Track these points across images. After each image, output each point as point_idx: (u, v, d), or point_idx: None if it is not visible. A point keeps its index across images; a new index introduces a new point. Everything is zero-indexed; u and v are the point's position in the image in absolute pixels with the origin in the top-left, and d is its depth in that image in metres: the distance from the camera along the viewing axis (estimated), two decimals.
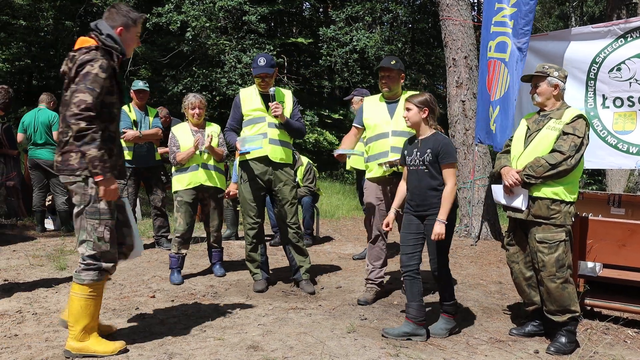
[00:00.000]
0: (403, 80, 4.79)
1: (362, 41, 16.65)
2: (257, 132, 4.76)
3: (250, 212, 4.87)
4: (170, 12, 15.87)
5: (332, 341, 3.65)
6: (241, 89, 4.88)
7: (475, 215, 7.68)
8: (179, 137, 5.26)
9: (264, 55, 4.86)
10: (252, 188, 4.84)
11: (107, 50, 3.28)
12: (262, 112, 4.81)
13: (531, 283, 3.95)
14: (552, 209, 3.70)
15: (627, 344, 3.88)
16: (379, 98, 4.79)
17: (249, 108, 4.84)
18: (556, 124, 3.76)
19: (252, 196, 4.84)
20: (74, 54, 3.27)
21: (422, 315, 3.82)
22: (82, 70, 3.15)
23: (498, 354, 3.60)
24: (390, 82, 4.67)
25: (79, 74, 3.15)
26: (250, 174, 4.83)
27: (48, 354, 3.32)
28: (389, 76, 4.67)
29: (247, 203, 4.87)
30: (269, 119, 4.78)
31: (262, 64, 4.78)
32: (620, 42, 5.74)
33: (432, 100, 3.90)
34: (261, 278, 4.97)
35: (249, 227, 4.92)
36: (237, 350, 3.43)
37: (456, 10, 7.91)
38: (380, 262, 4.76)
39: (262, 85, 4.82)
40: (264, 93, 4.84)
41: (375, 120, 4.65)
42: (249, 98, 4.88)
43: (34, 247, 6.45)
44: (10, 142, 7.87)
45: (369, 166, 4.70)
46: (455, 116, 7.90)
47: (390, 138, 4.55)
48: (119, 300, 4.47)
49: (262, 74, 4.77)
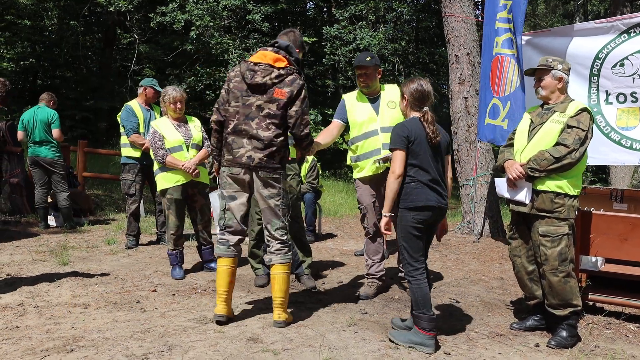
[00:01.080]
0: (380, 75, 4.75)
1: (365, 40, 16.62)
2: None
3: (256, 207, 4.74)
4: (174, 11, 15.89)
5: (332, 334, 3.65)
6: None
7: (478, 212, 7.65)
8: (163, 132, 5.12)
9: None
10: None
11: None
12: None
13: (533, 277, 3.93)
14: (556, 203, 3.69)
15: (628, 338, 3.86)
16: (358, 95, 4.75)
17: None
18: (560, 117, 3.74)
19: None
20: (279, 72, 3.78)
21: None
22: (301, 95, 3.81)
23: (498, 348, 3.59)
24: (368, 79, 4.65)
25: (299, 97, 3.80)
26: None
27: (48, 345, 3.33)
28: (366, 73, 4.64)
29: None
30: None
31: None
32: (624, 37, 5.71)
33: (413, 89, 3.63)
34: (263, 273, 4.95)
35: (255, 224, 4.87)
36: (236, 342, 3.43)
37: (459, 7, 7.89)
38: (378, 256, 4.76)
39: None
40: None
41: (362, 117, 4.63)
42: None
43: (37, 243, 6.47)
44: (14, 140, 7.91)
45: (359, 165, 4.69)
46: (458, 113, 7.88)
47: (380, 135, 4.56)
48: (120, 294, 4.48)
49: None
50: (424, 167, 3.51)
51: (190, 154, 5.15)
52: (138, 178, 6.40)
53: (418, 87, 3.63)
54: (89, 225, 7.77)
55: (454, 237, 7.63)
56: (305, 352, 3.33)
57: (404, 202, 3.52)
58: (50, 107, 7.46)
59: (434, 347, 3.44)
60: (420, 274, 3.52)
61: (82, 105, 18.06)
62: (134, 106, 6.43)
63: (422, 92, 3.62)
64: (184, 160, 5.08)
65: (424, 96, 3.62)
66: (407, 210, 3.51)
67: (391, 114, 4.65)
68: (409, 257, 3.54)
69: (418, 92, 3.62)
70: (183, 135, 5.16)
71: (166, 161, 5.05)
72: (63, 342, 3.38)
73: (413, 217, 3.49)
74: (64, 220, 7.50)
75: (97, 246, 6.39)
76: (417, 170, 3.51)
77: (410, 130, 3.51)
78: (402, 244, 3.57)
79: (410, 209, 3.50)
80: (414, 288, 3.52)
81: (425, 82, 3.68)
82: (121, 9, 15.86)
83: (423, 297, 3.49)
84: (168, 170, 5.09)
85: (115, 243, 6.55)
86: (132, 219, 6.39)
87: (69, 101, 17.81)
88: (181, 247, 5.19)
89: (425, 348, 3.43)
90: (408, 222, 3.50)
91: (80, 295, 4.42)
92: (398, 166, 3.49)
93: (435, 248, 6.95)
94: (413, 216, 3.49)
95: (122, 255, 5.94)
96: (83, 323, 3.75)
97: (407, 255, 3.55)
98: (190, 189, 5.19)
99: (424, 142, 3.51)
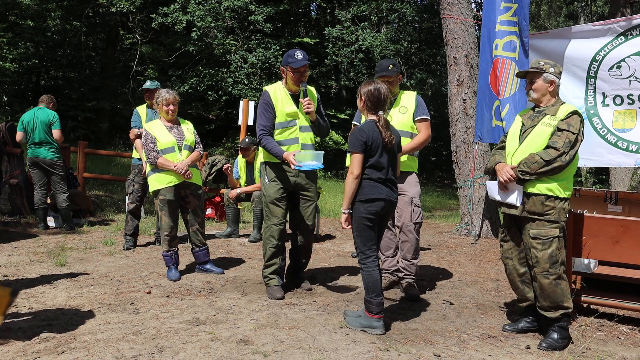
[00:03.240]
0: (400, 80, 4.81)
1: (367, 40, 16.64)
2: (288, 137, 4.59)
3: (277, 211, 4.63)
4: (176, 12, 15.94)
5: (323, 336, 3.66)
6: (267, 87, 4.68)
7: (476, 214, 7.66)
8: (155, 134, 5.14)
9: (297, 50, 4.61)
10: (279, 187, 4.63)
11: None
12: (295, 115, 4.62)
13: (525, 279, 3.93)
14: (547, 205, 3.69)
15: (620, 340, 3.86)
16: None
17: (283, 111, 4.59)
18: (551, 120, 3.75)
19: (279, 195, 4.63)
20: None
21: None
22: None
23: (489, 350, 3.59)
24: (391, 86, 4.67)
25: None
26: (278, 173, 4.63)
27: (40, 347, 3.35)
28: (389, 81, 4.66)
29: (274, 202, 4.63)
30: (299, 122, 4.62)
31: (301, 57, 4.52)
32: (621, 39, 5.72)
33: (369, 92, 3.81)
34: (278, 284, 4.68)
35: (276, 226, 4.63)
36: (227, 344, 3.45)
37: (457, 9, 7.90)
38: (390, 251, 4.85)
39: (299, 80, 4.56)
40: (293, 93, 4.66)
41: None
42: (281, 99, 4.62)
43: (35, 244, 6.50)
44: (13, 141, 7.95)
45: None
46: (456, 114, 7.89)
47: None
48: (115, 295, 4.50)
49: (302, 68, 4.53)
50: (378, 166, 3.78)
51: (182, 156, 5.17)
52: (137, 178, 6.43)
53: (374, 92, 3.83)
54: (88, 226, 7.80)
55: (452, 238, 7.64)
56: (295, 353, 3.35)
57: (358, 196, 3.80)
58: (50, 109, 7.50)
59: (383, 329, 3.77)
60: (372, 261, 3.83)
61: (84, 106, 18.15)
62: (140, 109, 6.59)
63: (377, 97, 3.82)
64: (176, 161, 5.11)
65: (379, 101, 3.83)
66: (360, 203, 3.79)
67: (400, 118, 4.70)
68: (362, 246, 3.84)
69: (374, 96, 3.83)
70: (175, 136, 5.18)
71: (158, 162, 5.07)
72: (54, 343, 3.41)
73: (366, 208, 3.78)
74: (63, 221, 7.53)
75: (95, 247, 6.42)
76: (372, 170, 3.78)
77: (368, 135, 3.75)
78: (355, 234, 3.87)
79: (363, 201, 3.78)
80: (365, 275, 3.83)
81: (383, 87, 3.85)
82: (123, 10, 15.92)
83: (373, 283, 3.80)
84: (160, 171, 5.11)
85: (114, 244, 6.57)
86: (130, 218, 6.42)
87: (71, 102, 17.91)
88: (176, 248, 5.21)
89: (375, 330, 3.75)
90: (361, 213, 3.79)
91: (75, 296, 4.44)
92: (356, 167, 3.74)
93: (432, 250, 6.96)
94: (366, 208, 3.78)
95: (120, 257, 5.97)
96: (76, 325, 3.77)
97: (360, 244, 3.86)
98: (183, 190, 5.21)
99: (380, 144, 3.77)
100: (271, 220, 4.65)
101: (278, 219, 4.63)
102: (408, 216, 4.70)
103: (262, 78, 17.18)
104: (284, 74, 4.64)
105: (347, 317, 3.96)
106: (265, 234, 4.67)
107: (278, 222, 4.63)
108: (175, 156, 5.13)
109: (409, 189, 4.73)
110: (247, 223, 8.65)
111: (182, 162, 5.11)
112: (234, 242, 7.06)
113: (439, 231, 8.51)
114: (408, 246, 4.73)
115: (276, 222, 4.64)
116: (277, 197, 4.62)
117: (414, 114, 4.79)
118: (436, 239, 7.80)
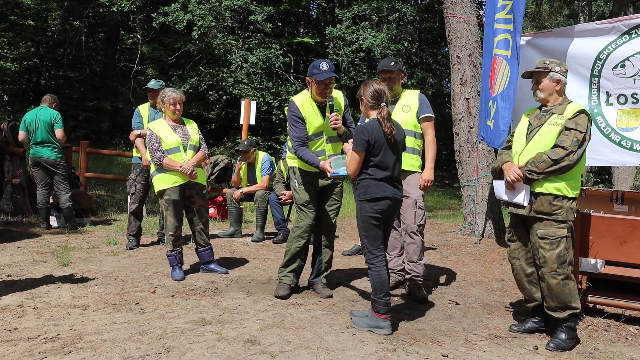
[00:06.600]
0: (403, 79, 4.80)
1: (368, 40, 16.62)
2: (315, 150, 4.55)
3: (308, 213, 4.61)
4: (177, 12, 15.91)
5: (330, 336, 3.65)
6: (293, 98, 4.61)
7: (479, 214, 7.64)
8: (160, 134, 5.12)
9: (323, 61, 4.48)
10: (309, 190, 4.62)
11: None
12: (322, 127, 4.57)
13: (532, 279, 3.92)
14: (554, 205, 3.68)
15: (628, 340, 3.85)
16: None
17: (312, 125, 4.53)
18: (558, 119, 3.73)
19: (309, 197, 4.62)
20: None
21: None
22: None
23: (497, 350, 3.58)
24: (392, 83, 4.69)
25: None
26: (307, 177, 4.62)
27: (46, 347, 3.34)
28: (390, 77, 4.69)
29: (305, 205, 4.61)
30: (326, 134, 4.58)
31: (326, 69, 4.37)
32: (625, 38, 5.69)
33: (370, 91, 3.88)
34: (290, 283, 4.68)
35: (307, 227, 4.61)
36: (234, 345, 3.44)
37: (460, 8, 7.88)
38: (396, 251, 4.84)
39: (324, 93, 4.45)
40: (319, 104, 4.55)
41: None
42: (309, 113, 4.53)
43: (38, 243, 6.49)
44: (16, 141, 7.94)
45: None
46: (459, 114, 7.87)
47: None
48: (120, 295, 4.49)
49: (327, 80, 4.39)
50: (382, 165, 3.80)
51: (187, 156, 5.15)
52: (139, 178, 6.41)
53: (371, 86, 3.90)
54: (91, 226, 7.79)
55: (455, 238, 7.63)
56: (303, 354, 3.33)
57: (363, 195, 3.83)
58: (53, 109, 7.48)
59: (390, 329, 3.76)
60: (380, 261, 3.83)
61: (85, 106, 18.12)
62: (141, 108, 6.54)
63: (377, 91, 3.87)
64: (181, 161, 5.09)
65: (380, 94, 3.87)
66: (365, 202, 3.82)
67: (403, 117, 4.68)
68: (370, 246, 3.85)
69: (375, 92, 3.87)
70: (180, 136, 5.16)
71: (163, 162, 5.05)
72: (61, 343, 3.39)
73: (371, 207, 3.80)
74: (66, 221, 7.52)
75: (98, 247, 6.41)
76: (375, 169, 3.81)
77: (371, 133, 3.77)
78: (362, 234, 3.88)
79: (368, 200, 3.81)
80: (374, 274, 3.82)
81: (379, 83, 3.94)
82: (124, 9, 15.90)
83: (381, 283, 3.79)
84: (165, 171, 5.09)
85: (117, 244, 6.56)
86: (132, 219, 6.41)
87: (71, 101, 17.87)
88: (180, 248, 5.19)
89: (382, 330, 3.74)
90: (367, 212, 3.82)
91: (80, 296, 4.43)
92: (353, 164, 3.83)
93: (436, 250, 6.95)
94: (371, 207, 3.80)
95: (123, 256, 5.95)
96: (82, 325, 3.76)
97: (367, 244, 3.86)
98: (188, 190, 5.19)
99: (384, 142, 3.79)
100: (304, 221, 4.61)
101: (310, 220, 4.62)
102: (412, 219, 4.69)
103: (263, 78, 17.16)
104: (309, 85, 4.52)
105: (353, 317, 3.96)
106: (294, 233, 4.64)
107: (309, 223, 4.62)
108: (180, 156, 5.10)
109: (412, 191, 4.70)
110: (249, 223, 8.64)
111: (187, 162, 5.09)
112: (237, 242, 7.04)
113: (442, 231, 8.49)
114: (414, 248, 4.71)
115: (308, 223, 4.62)
116: (308, 200, 4.61)
117: (417, 112, 4.76)
118: (439, 238, 7.79)
